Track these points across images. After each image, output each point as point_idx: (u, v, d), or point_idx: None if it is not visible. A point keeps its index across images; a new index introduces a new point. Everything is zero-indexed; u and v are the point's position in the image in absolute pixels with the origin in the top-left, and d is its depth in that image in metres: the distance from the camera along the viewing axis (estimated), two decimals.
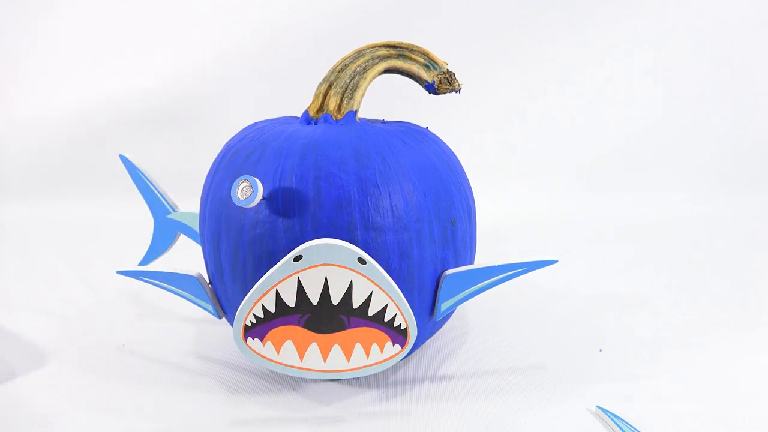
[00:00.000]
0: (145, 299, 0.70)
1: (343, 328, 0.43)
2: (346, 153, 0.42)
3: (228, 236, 0.44)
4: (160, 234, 0.58)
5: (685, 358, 0.57)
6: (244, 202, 0.40)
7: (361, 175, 0.42)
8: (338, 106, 0.48)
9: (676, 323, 0.66)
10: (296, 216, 0.41)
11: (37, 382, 0.51)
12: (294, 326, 0.43)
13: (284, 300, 0.41)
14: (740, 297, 0.74)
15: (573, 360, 0.57)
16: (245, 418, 0.46)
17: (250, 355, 0.44)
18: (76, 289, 0.74)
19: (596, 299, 0.72)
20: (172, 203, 0.57)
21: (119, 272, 0.51)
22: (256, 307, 0.42)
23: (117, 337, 0.60)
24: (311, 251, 0.40)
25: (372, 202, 0.41)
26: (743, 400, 0.50)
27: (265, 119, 0.51)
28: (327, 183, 0.41)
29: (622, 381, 0.53)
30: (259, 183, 0.40)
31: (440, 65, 0.49)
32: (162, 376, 0.52)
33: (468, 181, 0.51)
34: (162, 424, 0.46)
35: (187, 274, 0.48)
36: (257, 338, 0.43)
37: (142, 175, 0.57)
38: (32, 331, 0.61)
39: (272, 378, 0.52)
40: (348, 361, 0.44)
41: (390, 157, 0.43)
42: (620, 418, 0.46)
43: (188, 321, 0.64)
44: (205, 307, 0.49)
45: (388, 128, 0.47)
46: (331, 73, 0.49)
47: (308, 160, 0.42)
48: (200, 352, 0.57)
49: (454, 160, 0.49)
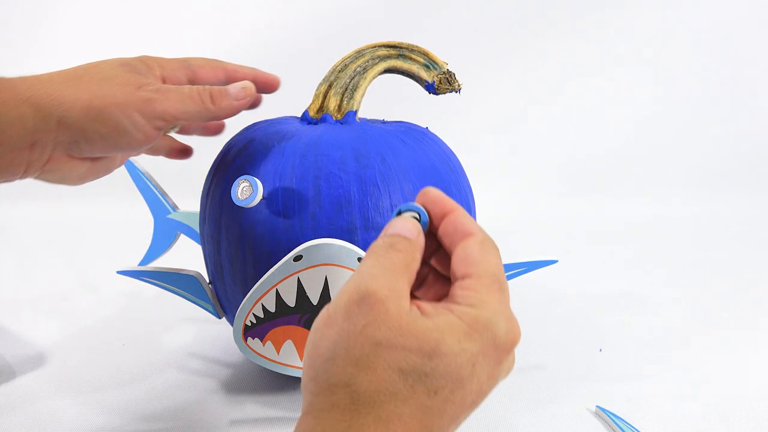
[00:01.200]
0: (145, 299, 0.70)
1: None
2: (346, 153, 0.42)
3: (228, 236, 0.44)
4: (160, 234, 0.58)
5: (684, 358, 0.57)
6: (244, 202, 0.40)
7: (361, 175, 0.42)
8: (338, 106, 0.48)
9: (676, 323, 0.66)
10: (296, 216, 0.41)
11: (37, 382, 0.51)
12: (294, 326, 0.43)
13: (284, 300, 0.42)
14: (740, 297, 0.74)
15: (573, 360, 0.57)
16: (245, 418, 0.46)
17: (250, 354, 0.44)
18: (76, 289, 0.74)
19: (596, 299, 0.72)
20: (172, 203, 0.57)
21: (119, 272, 0.51)
22: (256, 307, 0.42)
23: (117, 337, 0.60)
24: (311, 251, 0.40)
25: (372, 202, 0.41)
26: (743, 400, 0.50)
27: (265, 119, 0.51)
28: (327, 183, 0.41)
29: (622, 381, 0.53)
30: (259, 183, 0.40)
31: (440, 65, 0.49)
32: (162, 376, 0.52)
33: (468, 181, 0.51)
34: (162, 424, 0.46)
35: (187, 273, 0.48)
36: (257, 338, 0.43)
37: (142, 175, 0.57)
38: (32, 331, 0.61)
39: (272, 378, 0.52)
40: None
41: (390, 157, 0.43)
42: (620, 418, 0.46)
43: (188, 321, 0.64)
44: (204, 306, 0.50)
45: (388, 128, 0.47)
46: (331, 73, 0.49)
47: (308, 160, 0.42)
48: (200, 351, 0.57)
49: (454, 160, 0.49)
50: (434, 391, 0.26)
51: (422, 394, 0.26)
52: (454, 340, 0.26)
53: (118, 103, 0.38)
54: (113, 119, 0.38)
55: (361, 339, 0.26)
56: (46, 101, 0.37)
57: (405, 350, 0.26)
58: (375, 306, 0.26)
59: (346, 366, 0.26)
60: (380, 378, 0.25)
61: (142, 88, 0.39)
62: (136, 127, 0.39)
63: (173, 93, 0.39)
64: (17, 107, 0.36)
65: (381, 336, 0.26)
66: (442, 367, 0.26)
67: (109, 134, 0.38)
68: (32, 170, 0.39)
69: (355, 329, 0.26)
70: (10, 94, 0.36)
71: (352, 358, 0.26)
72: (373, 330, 0.26)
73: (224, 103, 0.41)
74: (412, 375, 0.26)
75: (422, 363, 0.26)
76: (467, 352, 0.27)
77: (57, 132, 0.38)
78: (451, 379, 0.26)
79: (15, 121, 0.36)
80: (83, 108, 0.37)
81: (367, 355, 0.26)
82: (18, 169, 0.38)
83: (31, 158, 0.38)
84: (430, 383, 0.26)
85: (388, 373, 0.25)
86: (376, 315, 0.26)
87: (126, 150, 0.41)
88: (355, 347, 0.26)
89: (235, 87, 0.41)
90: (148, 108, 0.39)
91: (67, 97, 0.37)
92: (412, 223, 0.30)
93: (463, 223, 0.31)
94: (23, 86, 0.37)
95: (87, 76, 0.39)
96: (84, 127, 0.38)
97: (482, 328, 0.27)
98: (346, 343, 0.26)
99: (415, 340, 0.26)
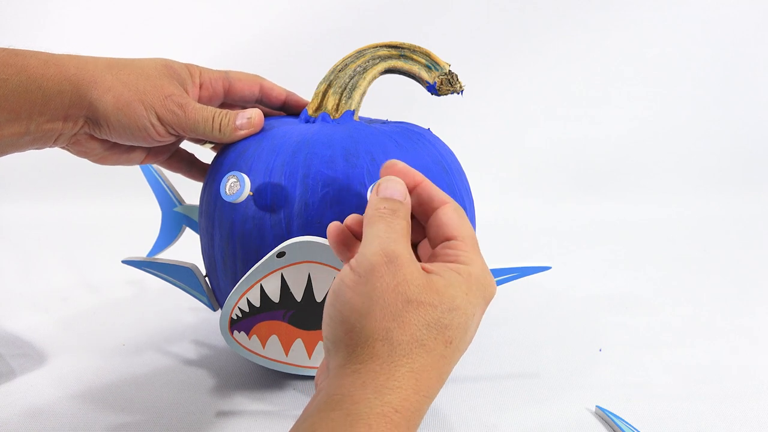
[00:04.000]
0: (145, 299, 0.71)
1: None
2: (336, 152, 0.42)
3: (221, 230, 0.45)
4: (167, 226, 0.60)
5: (684, 358, 0.57)
6: (231, 197, 0.40)
7: (349, 174, 0.42)
8: (336, 105, 0.49)
9: (676, 323, 0.65)
10: (283, 212, 0.42)
11: (37, 382, 0.51)
12: (279, 321, 0.43)
13: (269, 295, 0.42)
14: (739, 297, 0.73)
15: (573, 360, 0.56)
16: (232, 410, 0.47)
17: (236, 347, 0.45)
18: (76, 289, 0.74)
19: (596, 299, 0.71)
20: (178, 197, 0.58)
21: (124, 261, 0.53)
22: (241, 301, 0.43)
23: (117, 337, 0.60)
24: (294, 248, 0.40)
25: (359, 201, 0.42)
26: (742, 400, 0.50)
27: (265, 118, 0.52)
28: (314, 181, 0.41)
29: (622, 381, 0.53)
30: (247, 179, 0.41)
31: (442, 66, 0.48)
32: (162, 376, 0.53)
33: (466, 184, 0.50)
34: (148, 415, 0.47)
35: (183, 265, 0.50)
36: (243, 332, 0.44)
37: (151, 168, 0.58)
38: (32, 331, 0.61)
39: (262, 372, 0.53)
40: None
41: (380, 156, 0.43)
42: (620, 418, 0.46)
43: (186, 317, 0.65)
44: (200, 298, 0.51)
45: (383, 129, 0.47)
46: (331, 72, 0.50)
47: (298, 158, 0.42)
48: (195, 346, 0.58)
49: (450, 162, 0.49)
50: (450, 341, 0.30)
51: (441, 344, 0.30)
52: (462, 294, 0.30)
53: (143, 101, 0.43)
54: (135, 113, 0.42)
55: (394, 296, 0.29)
56: (85, 82, 0.42)
57: (431, 306, 0.29)
58: (402, 266, 0.30)
59: (383, 320, 0.29)
60: (411, 331, 0.29)
61: (169, 97, 0.44)
62: (153, 126, 0.43)
63: (191, 112, 0.44)
64: (60, 83, 0.41)
65: (411, 294, 0.29)
66: (457, 320, 0.30)
67: (128, 125, 0.43)
68: (61, 140, 0.44)
69: (388, 287, 0.29)
70: (57, 69, 0.41)
71: (388, 314, 0.29)
72: (404, 288, 0.29)
73: (227, 130, 0.45)
74: (436, 327, 0.29)
75: (443, 316, 0.30)
76: (471, 305, 0.31)
77: (87, 111, 0.42)
78: (461, 330, 0.30)
79: (56, 95, 0.41)
80: (114, 96, 0.42)
81: (400, 311, 0.29)
82: (51, 137, 0.43)
83: (64, 129, 0.43)
84: (448, 334, 0.30)
85: (417, 326, 0.29)
86: (405, 274, 0.29)
87: (140, 143, 0.45)
88: (390, 304, 0.29)
89: (242, 117, 0.46)
90: (166, 116, 0.43)
91: (104, 82, 0.42)
92: (402, 185, 0.34)
93: (435, 193, 0.35)
94: (70, 64, 0.42)
95: (128, 68, 0.44)
96: (108, 113, 0.42)
97: (476, 283, 0.31)
98: (382, 301, 0.29)
99: (437, 296, 0.30)
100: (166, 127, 0.44)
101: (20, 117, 0.40)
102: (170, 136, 0.45)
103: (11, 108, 0.39)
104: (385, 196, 0.33)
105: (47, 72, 0.40)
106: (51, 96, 0.40)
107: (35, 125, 0.41)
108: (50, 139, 0.43)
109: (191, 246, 0.62)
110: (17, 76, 0.39)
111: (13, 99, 0.39)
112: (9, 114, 0.39)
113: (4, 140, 0.40)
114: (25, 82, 0.39)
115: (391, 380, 0.28)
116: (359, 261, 0.30)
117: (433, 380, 0.30)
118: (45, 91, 0.40)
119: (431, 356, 0.29)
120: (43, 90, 0.40)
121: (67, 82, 0.41)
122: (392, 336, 0.29)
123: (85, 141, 0.45)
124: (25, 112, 0.40)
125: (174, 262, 0.51)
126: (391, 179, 0.34)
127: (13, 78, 0.39)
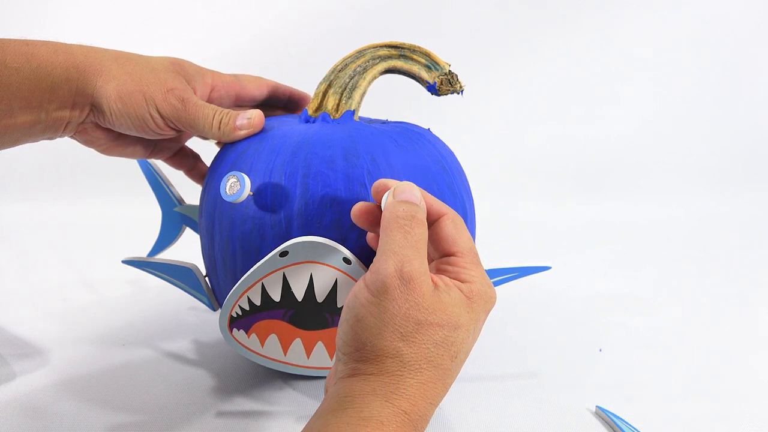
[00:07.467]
0: (145, 299, 0.71)
1: (326, 326, 0.43)
2: (336, 152, 0.42)
3: (221, 230, 0.45)
4: (167, 226, 0.60)
5: (684, 358, 0.57)
6: (231, 197, 0.40)
7: (349, 174, 0.42)
8: (336, 105, 0.49)
9: (676, 323, 0.65)
10: (283, 212, 0.42)
11: (37, 382, 0.51)
12: (278, 321, 0.43)
13: (270, 294, 0.42)
14: (739, 297, 0.73)
15: (573, 360, 0.56)
16: (232, 410, 0.47)
17: (235, 345, 0.45)
18: (76, 288, 0.74)
19: (595, 299, 0.71)
20: (178, 197, 0.58)
21: (124, 261, 0.53)
22: (242, 299, 0.43)
23: (117, 337, 0.60)
24: (297, 248, 0.40)
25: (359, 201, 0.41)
26: (742, 400, 0.50)
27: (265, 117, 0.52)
28: (314, 181, 0.41)
29: (622, 381, 0.53)
30: (247, 179, 0.41)
31: (442, 66, 0.48)
32: (162, 376, 0.53)
33: (467, 184, 0.50)
34: (148, 416, 0.47)
35: (183, 265, 0.49)
36: (242, 330, 0.44)
37: (151, 168, 0.58)
38: (32, 331, 0.61)
39: (261, 372, 0.53)
40: (331, 358, 0.44)
41: (380, 156, 0.43)
42: (620, 418, 0.46)
43: (187, 318, 0.65)
44: (200, 298, 0.51)
45: (383, 129, 0.47)
46: (331, 72, 0.50)
47: (298, 158, 0.42)
48: (194, 346, 0.58)
49: (450, 162, 0.49)
50: (455, 355, 0.32)
51: (447, 359, 0.32)
52: (465, 313, 0.33)
53: (145, 92, 0.43)
54: (135, 103, 0.43)
55: (405, 320, 0.31)
56: (91, 69, 0.43)
57: (438, 326, 0.32)
58: (414, 290, 0.31)
59: (393, 341, 0.31)
60: (421, 349, 0.31)
61: (171, 91, 0.44)
62: (152, 118, 0.44)
63: (192, 107, 0.45)
64: (68, 70, 0.42)
65: (421, 316, 0.31)
66: (461, 336, 0.32)
67: (128, 114, 0.44)
68: (69, 129, 0.45)
69: (399, 311, 0.31)
70: (66, 57, 0.42)
71: (398, 335, 0.31)
72: (415, 312, 0.31)
73: (227, 129, 0.45)
74: (443, 345, 0.32)
75: (449, 334, 0.32)
76: (473, 320, 0.33)
77: (92, 98, 0.43)
78: (464, 345, 0.33)
79: (64, 82, 0.42)
80: (117, 85, 0.43)
81: (411, 332, 0.31)
82: (61, 125, 0.44)
83: (72, 117, 0.44)
84: (453, 350, 0.32)
85: (426, 345, 0.31)
86: (416, 298, 0.31)
87: (141, 133, 0.46)
88: (401, 326, 0.31)
89: (242, 117, 0.46)
90: (166, 109, 0.44)
91: (109, 71, 0.43)
92: (417, 188, 0.35)
93: (432, 203, 0.36)
94: (79, 53, 0.43)
95: (134, 61, 0.45)
96: (111, 101, 0.43)
97: (478, 299, 0.33)
98: (392, 323, 0.31)
99: (444, 315, 0.32)
100: (166, 120, 0.45)
101: (32, 105, 0.41)
102: (170, 130, 0.46)
103: (23, 96, 0.40)
104: (402, 199, 0.34)
105: (56, 59, 0.41)
106: (59, 83, 0.41)
107: (45, 113, 0.42)
108: (60, 128, 0.44)
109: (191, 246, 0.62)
110: (28, 65, 0.40)
111: (25, 87, 0.40)
112: (22, 102, 0.40)
113: (18, 129, 0.41)
114: (36, 70, 0.40)
115: (401, 389, 0.31)
116: (374, 279, 0.32)
117: (438, 389, 0.32)
118: (54, 79, 0.41)
119: (438, 370, 0.32)
120: (52, 77, 0.41)
121: (74, 69, 0.42)
122: (402, 354, 0.31)
123: (91, 130, 0.46)
124: (36, 100, 0.41)
125: (174, 262, 0.51)
126: (406, 183, 0.35)
127: (24, 66, 0.40)
